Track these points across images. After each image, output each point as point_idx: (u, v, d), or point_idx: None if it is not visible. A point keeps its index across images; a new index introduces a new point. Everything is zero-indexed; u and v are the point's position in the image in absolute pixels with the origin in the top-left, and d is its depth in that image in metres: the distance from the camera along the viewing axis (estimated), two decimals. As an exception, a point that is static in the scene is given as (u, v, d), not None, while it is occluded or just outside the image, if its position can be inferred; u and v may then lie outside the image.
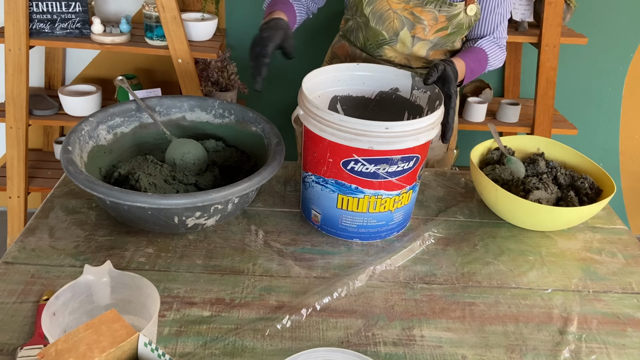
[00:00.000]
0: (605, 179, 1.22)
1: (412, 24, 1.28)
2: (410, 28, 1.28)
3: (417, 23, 1.27)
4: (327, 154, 1.05)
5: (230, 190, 0.98)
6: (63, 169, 1.01)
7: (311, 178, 1.11)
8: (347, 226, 1.11)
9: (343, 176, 1.05)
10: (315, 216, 1.14)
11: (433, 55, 1.35)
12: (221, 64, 2.19)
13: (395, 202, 1.09)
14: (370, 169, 1.03)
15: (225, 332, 0.89)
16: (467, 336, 0.92)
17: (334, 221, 1.12)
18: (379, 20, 1.29)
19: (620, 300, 1.03)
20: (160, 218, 1.00)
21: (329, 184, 1.08)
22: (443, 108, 1.08)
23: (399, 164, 1.03)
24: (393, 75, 1.23)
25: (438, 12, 1.26)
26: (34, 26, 2.06)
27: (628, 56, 2.52)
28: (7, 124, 2.15)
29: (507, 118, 2.34)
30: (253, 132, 1.23)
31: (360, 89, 1.26)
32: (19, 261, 1.00)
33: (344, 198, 1.08)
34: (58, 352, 0.62)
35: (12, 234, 2.34)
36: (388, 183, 1.05)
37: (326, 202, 1.10)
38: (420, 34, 1.29)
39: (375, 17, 1.29)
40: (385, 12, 1.27)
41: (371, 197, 1.06)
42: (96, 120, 1.17)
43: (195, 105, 1.28)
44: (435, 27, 1.28)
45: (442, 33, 1.30)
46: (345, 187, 1.06)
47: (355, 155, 1.01)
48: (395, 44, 1.32)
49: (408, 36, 1.29)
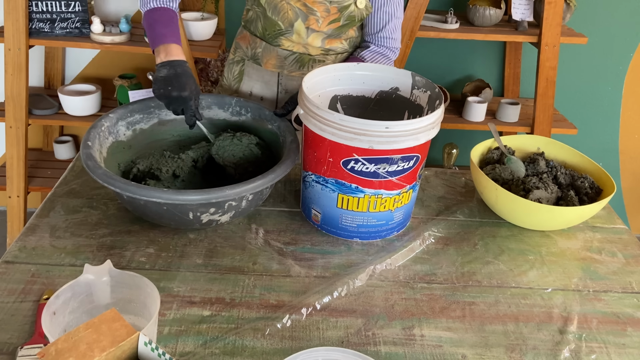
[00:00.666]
0: (605, 179, 1.22)
1: (306, 15, 1.30)
2: (304, 19, 1.31)
3: (310, 14, 1.30)
4: (327, 154, 1.05)
5: (244, 187, 0.99)
6: (82, 163, 1.02)
7: (311, 177, 1.11)
8: (347, 225, 1.11)
9: (343, 176, 1.05)
10: (315, 215, 1.14)
11: (329, 44, 1.37)
12: (221, 63, 2.19)
13: (396, 201, 1.09)
14: (370, 168, 1.03)
15: (225, 332, 0.89)
16: (467, 335, 0.92)
17: (334, 220, 1.12)
18: (274, 10, 1.31)
19: (620, 299, 1.03)
20: (176, 213, 1.01)
21: (329, 184, 1.08)
22: (443, 107, 1.08)
23: (399, 164, 1.03)
24: (393, 74, 1.23)
25: (329, 4, 1.28)
26: (33, 26, 2.06)
27: (628, 56, 2.52)
28: (6, 123, 2.15)
29: (507, 118, 2.34)
30: (269, 130, 1.25)
31: (361, 88, 1.26)
32: (19, 260, 1.00)
33: (344, 197, 1.07)
34: (58, 352, 0.62)
35: (12, 234, 2.34)
36: (388, 182, 1.05)
37: (326, 201, 1.10)
38: (314, 25, 1.31)
39: (270, 7, 1.31)
40: (279, 3, 1.30)
41: (371, 196, 1.06)
42: (116, 117, 1.19)
43: (212, 103, 1.29)
44: (328, 19, 1.30)
45: (334, 25, 1.33)
46: (346, 187, 1.06)
47: (355, 155, 1.01)
48: (291, 35, 1.34)
49: (302, 27, 1.32)
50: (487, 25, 2.21)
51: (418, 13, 2.05)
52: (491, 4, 2.21)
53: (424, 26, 2.14)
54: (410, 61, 2.35)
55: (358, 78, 1.25)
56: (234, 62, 1.48)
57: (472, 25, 2.22)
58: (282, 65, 1.37)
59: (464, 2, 2.38)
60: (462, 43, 2.44)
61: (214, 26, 2.21)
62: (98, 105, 2.25)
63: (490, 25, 2.22)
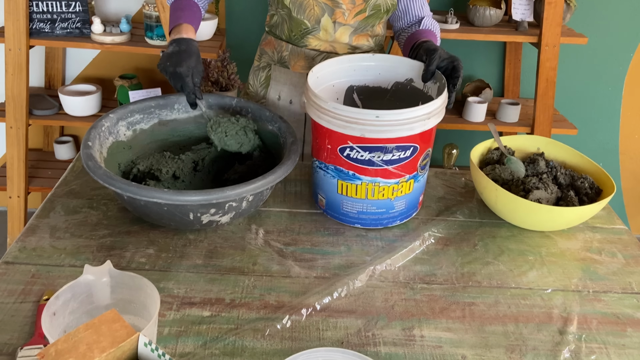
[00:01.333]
0: (605, 179, 1.22)
1: (332, 9, 1.32)
2: (330, 14, 1.32)
3: (336, 7, 1.31)
4: (326, 141, 1.08)
5: (245, 188, 0.99)
6: (83, 163, 1.02)
7: (316, 163, 1.15)
8: (348, 211, 1.14)
9: (340, 162, 1.08)
10: (321, 200, 1.18)
11: (356, 41, 1.38)
12: (221, 63, 2.19)
13: (395, 190, 1.10)
14: (365, 156, 1.05)
15: (225, 332, 0.89)
16: (467, 336, 0.92)
17: (336, 206, 1.15)
18: (300, 9, 1.32)
19: (620, 300, 1.03)
20: (176, 214, 1.01)
21: (330, 170, 1.11)
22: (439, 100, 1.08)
23: (394, 153, 1.05)
24: (407, 65, 1.25)
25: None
26: (34, 26, 2.06)
27: (628, 56, 2.52)
28: (7, 123, 2.16)
29: (507, 118, 2.34)
30: (269, 131, 1.25)
31: (377, 79, 1.28)
32: (19, 261, 1.00)
33: (343, 184, 1.11)
34: (58, 352, 0.62)
35: (12, 234, 2.34)
36: (385, 171, 1.07)
37: (328, 187, 1.13)
38: (340, 18, 1.33)
39: (295, 6, 1.32)
40: (304, 1, 1.31)
41: (368, 184, 1.09)
42: (116, 117, 1.19)
43: (213, 103, 1.29)
44: (354, 10, 1.32)
45: (361, 16, 1.34)
46: (344, 174, 1.09)
47: (350, 142, 1.04)
48: (318, 32, 1.35)
49: (329, 22, 1.33)
50: (487, 26, 2.21)
51: (418, 13, 2.05)
52: (491, 4, 2.21)
53: (424, 26, 2.14)
54: (410, 61, 2.35)
55: (374, 69, 1.27)
56: (259, 68, 1.49)
57: (473, 25, 2.22)
58: (310, 66, 1.38)
59: (464, 3, 2.38)
60: (462, 43, 2.44)
61: (214, 26, 2.21)
62: (98, 105, 2.26)
63: (491, 26, 2.22)
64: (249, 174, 1.17)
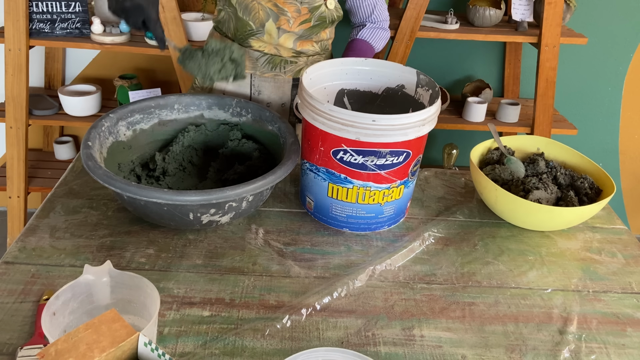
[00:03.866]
0: (605, 179, 1.22)
1: (277, 15, 1.31)
2: (275, 19, 1.31)
3: (281, 14, 1.31)
4: (319, 143, 1.07)
5: (245, 188, 0.99)
6: (83, 163, 1.02)
7: (306, 165, 1.14)
8: (337, 215, 1.13)
9: (333, 165, 1.07)
10: (309, 203, 1.17)
11: (300, 46, 1.38)
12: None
13: (385, 195, 1.10)
14: (358, 159, 1.05)
15: (225, 332, 0.89)
16: (467, 336, 0.92)
17: (325, 209, 1.14)
18: (245, 10, 1.32)
19: (620, 300, 1.03)
20: (176, 214, 1.01)
21: (321, 172, 1.10)
22: (434, 107, 1.08)
23: (387, 158, 1.05)
24: (399, 71, 1.24)
25: (300, 4, 1.29)
26: (33, 26, 2.06)
27: (628, 56, 2.52)
28: (7, 123, 2.16)
29: (507, 118, 2.34)
30: (269, 131, 1.25)
31: (368, 83, 1.27)
32: (19, 261, 1.00)
33: (334, 187, 1.10)
34: (58, 352, 0.62)
35: (12, 234, 2.34)
36: (377, 175, 1.07)
37: (318, 189, 1.13)
38: (285, 25, 1.32)
39: (241, 7, 1.32)
40: (250, 3, 1.30)
41: (360, 188, 1.08)
42: (116, 117, 1.19)
43: (213, 104, 1.30)
44: (299, 19, 1.32)
45: (306, 25, 1.33)
46: (335, 177, 1.08)
47: (344, 145, 1.04)
48: (262, 35, 1.34)
49: (274, 27, 1.32)
50: (487, 26, 2.21)
51: (418, 13, 2.05)
52: (491, 5, 2.21)
53: (424, 26, 2.14)
54: (410, 62, 2.35)
55: (365, 73, 1.27)
56: None
57: (472, 25, 2.22)
58: (254, 66, 1.38)
59: (464, 3, 2.38)
60: (462, 43, 2.44)
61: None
62: (98, 105, 2.26)
63: (490, 26, 2.22)
64: (249, 174, 1.17)
